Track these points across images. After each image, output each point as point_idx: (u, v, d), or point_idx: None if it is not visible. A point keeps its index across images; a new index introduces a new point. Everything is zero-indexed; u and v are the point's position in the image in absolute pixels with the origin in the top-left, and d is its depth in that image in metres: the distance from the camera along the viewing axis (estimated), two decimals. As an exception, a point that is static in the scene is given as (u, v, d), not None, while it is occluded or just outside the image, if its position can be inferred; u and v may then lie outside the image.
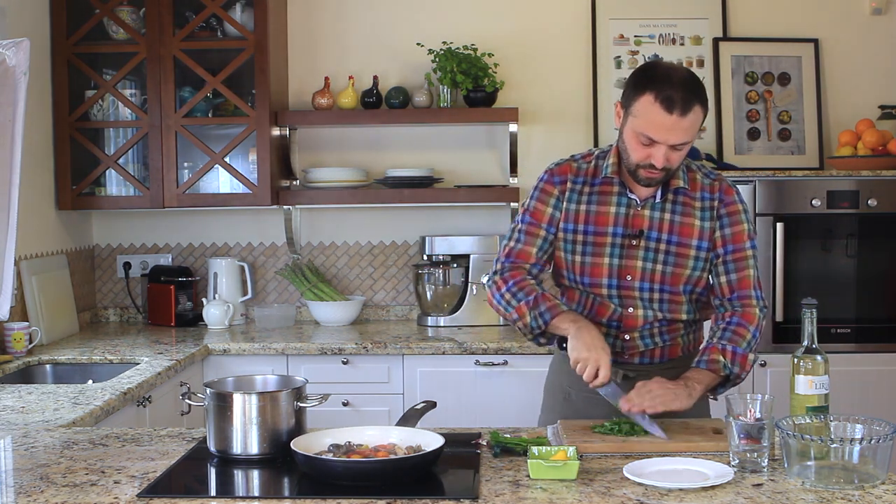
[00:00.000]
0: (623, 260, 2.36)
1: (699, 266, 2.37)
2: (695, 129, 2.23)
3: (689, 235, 2.35)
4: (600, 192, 2.39)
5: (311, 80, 4.31)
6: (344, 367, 3.71)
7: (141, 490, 1.83)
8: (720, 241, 2.37)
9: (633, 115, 2.24)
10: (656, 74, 2.23)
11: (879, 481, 1.81)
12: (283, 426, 2.03)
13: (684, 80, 2.21)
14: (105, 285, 4.41)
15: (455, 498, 1.77)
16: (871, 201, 3.78)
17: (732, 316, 2.36)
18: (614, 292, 2.38)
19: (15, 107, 2.53)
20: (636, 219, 2.36)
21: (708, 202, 2.37)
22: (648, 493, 1.79)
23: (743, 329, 2.34)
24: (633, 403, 2.16)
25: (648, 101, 2.19)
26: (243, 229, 4.39)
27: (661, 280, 2.36)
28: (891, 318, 3.83)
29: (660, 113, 2.18)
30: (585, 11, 4.31)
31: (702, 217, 2.36)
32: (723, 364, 2.30)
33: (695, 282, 2.38)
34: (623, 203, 2.37)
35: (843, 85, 4.31)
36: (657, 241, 2.35)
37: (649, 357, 2.43)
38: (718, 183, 2.40)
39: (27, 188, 3.56)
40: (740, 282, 2.37)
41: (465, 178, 4.30)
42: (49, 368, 3.44)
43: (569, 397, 2.47)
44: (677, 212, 2.36)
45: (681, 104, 2.17)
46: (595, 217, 2.37)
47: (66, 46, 3.97)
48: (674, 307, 2.39)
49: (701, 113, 2.22)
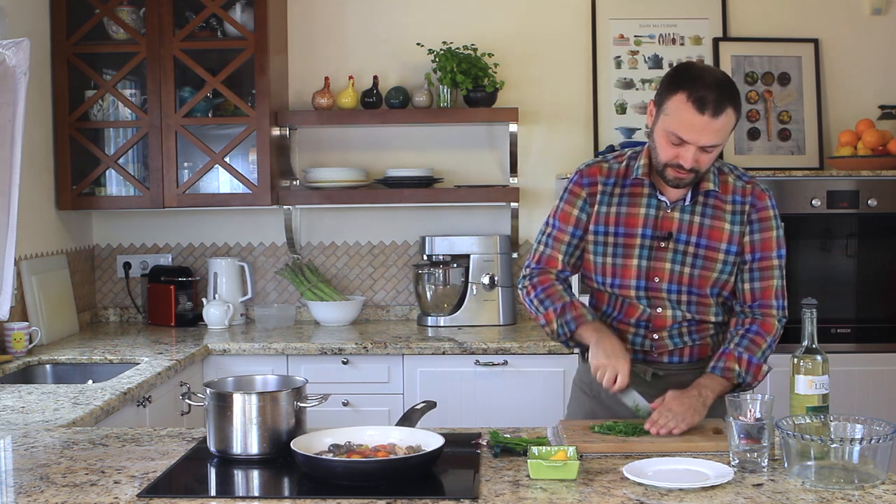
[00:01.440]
0: (651, 262, 2.36)
1: (727, 270, 2.36)
2: (726, 133, 2.21)
3: (718, 239, 2.35)
4: (631, 193, 2.39)
5: (311, 80, 4.31)
6: (344, 367, 3.71)
7: (141, 490, 1.83)
8: (748, 247, 2.36)
9: (664, 113, 2.23)
10: (691, 74, 2.23)
11: (879, 481, 1.81)
12: (283, 426, 2.03)
13: (718, 82, 2.20)
14: (105, 285, 4.41)
15: (455, 498, 1.77)
16: (871, 201, 3.78)
17: (752, 324, 2.37)
18: (642, 293, 2.38)
19: (15, 107, 2.53)
20: (665, 221, 2.36)
21: (739, 206, 2.36)
22: (648, 493, 1.79)
23: (760, 338, 2.35)
24: (659, 426, 2.16)
25: (681, 99, 2.19)
26: (243, 229, 4.39)
27: (688, 282, 2.36)
28: (891, 318, 3.83)
29: (691, 112, 2.18)
30: (585, 11, 4.31)
31: (732, 221, 2.35)
32: (737, 373, 2.30)
33: (722, 285, 2.37)
34: (653, 205, 2.37)
35: (843, 85, 4.31)
36: (686, 244, 2.35)
37: (678, 356, 2.43)
38: (751, 186, 2.38)
39: (27, 188, 3.57)
40: (763, 291, 2.38)
41: (465, 178, 4.30)
42: (49, 368, 3.44)
43: (599, 395, 2.47)
44: (707, 215, 2.35)
45: (713, 105, 2.16)
46: (625, 219, 2.38)
47: (66, 46, 3.97)
48: (702, 309, 2.39)
49: (733, 116, 2.21)
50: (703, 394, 2.24)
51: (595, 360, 2.28)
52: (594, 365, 2.28)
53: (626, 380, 2.24)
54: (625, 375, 2.24)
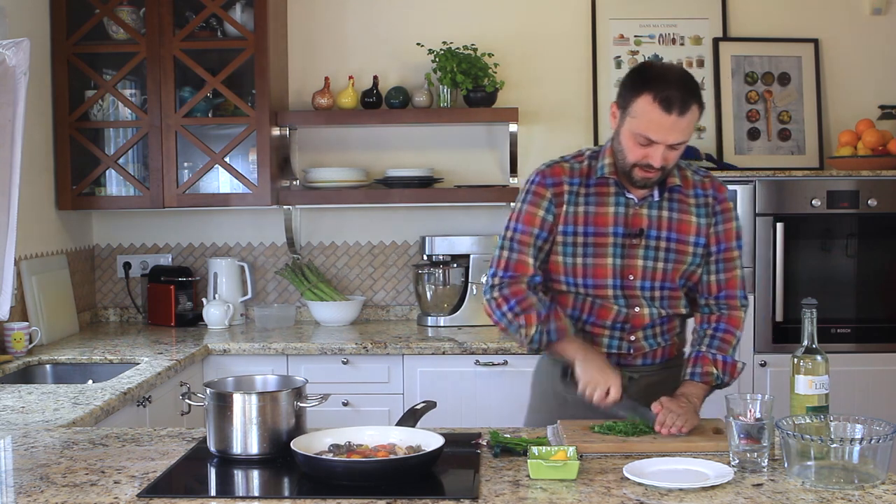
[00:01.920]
0: (625, 259, 2.36)
1: (696, 262, 2.39)
2: (692, 129, 2.24)
3: (687, 232, 2.37)
4: (597, 192, 2.38)
5: (311, 80, 4.31)
6: (344, 367, 3.71)
7: (141, 490, 1.83)
8: (713, 239, 2.40)
9: (630, 115, 2.24)
10: (653, 74, 2.24)
11: (879, 481, 1.81)
12: (283, 426, 2.03)
13: (681, 80, 2.23)
14: (105, 285, 4.41)
15: (455, 498, 1.77)
16: (871, 201, 3.78)
17: (719, 321, 2.41)
18: (619, 292, 2.38)
19: (15, 107, 2.53)
20: (636, 218, 2.36)
21: (702, 199, 2.40)
22: (648, 493, 1.79)
23: (730, 335, 2.40)
24: (667, 426, 2.16)
25: (647, 101, 2.20)
26: (243, 229, 4.39)
27: (661, 277, 2.37)
28: (891, 318, 3.83)
29: (659, 113, 2.19)
30: (585, 11, 4.31)
31: (697, 213, 2.39)
32: (716, 375, 2.35)
33: (689, 275, 2.41)
34: (622, 203, 2.37)
35: (843, 85, 4.31)
36: (657, 239, 2.36)
37: (651, 358, 2.45)
38: (709, 180, 2.43)
39: (27, 188, 3.56)
40: (728, 281, 2.42)
41: (465, 178, 4.30)
42: (49, 368, 3.44)
43: (565, 402, 2.45)
44: (675, 209, 2.38)
45: (679, 104, 2.18)
46: (595, 218, 2.37)
47: (66, 46, 3.97)
48: (673, 302, 2.42)
49: (698, 112, 2.24)
50: (691, 401, 2.27)
51: (586, 375, 2.25)
52: (585, 380, 2.25)
53: (619, 393, 2.23)
54: (617, 389, 2.23)
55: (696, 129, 4.25)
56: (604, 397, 2.23)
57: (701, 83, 4.27)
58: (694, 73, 4.25)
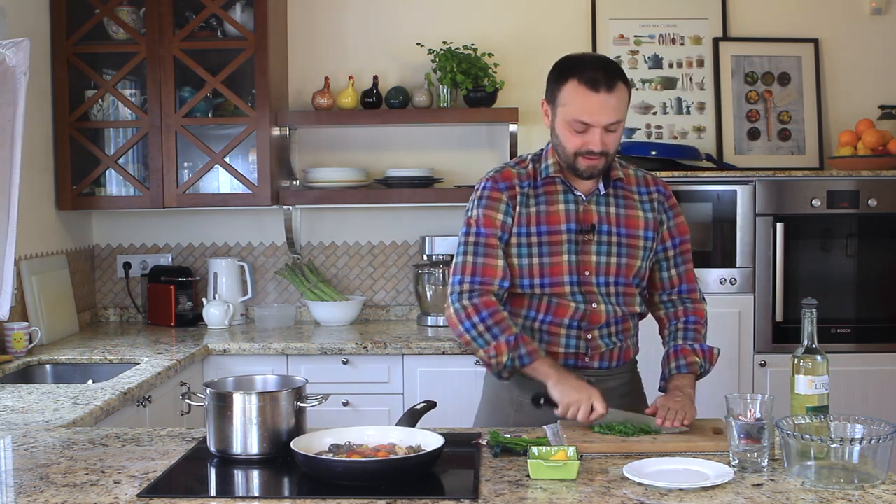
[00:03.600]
0: (579, 256, 2.36)
1: (646, 256, 2.41)
2: (623, 107, 2.27)
3: (636, 226, 2.39)
4: (546, 192, 2.38)
5: (311, 80, 4.31)
6: (344, 367, 3.71)
7: (141, 490, 1.83)
8: (668, 234, 2.43)
9: (561, 104, 2.29)
10: (573, 62, 2.30)
11: (879, 481, 1.81)
12: (283, 426, 2.03)
13: (601, 61, 2.29)
14: (105, 285, 4.41)
15: (455, 498, 1.77)
16: (871, 201, 3.78)
17: (686, 314, 2.45)
18: (576, 289, 2.36)
19: (15, 107, 2.53)
20: (586, 213, 2.37)
21: (646, 195, 2.42)
22: (648, 493, 1.79)
23: (700, 326, 2.45)
24: (670, 419, 2.17)
25: (573, 86, 2.25)
26: (243, 229, 4.39)
27: (616, 273, 2.38)
28: (891, 318, 3.83)
29: (587, 94, 2.23)
30: (585, 11, 4.31)
31: (643, 208, 2.41)
32: (699, 364, 2.38)
33: (642, 274, 2.42)
34: (570, 200, 2.38)
35: (843, 85, 4.31)
36: (608, 234, 2.37)
37: (608, 359, 2.43)
38: (651, 177, 2.47)
39: (27, 188, 3.56)
40: (688, 274, 2.47)
41: (465, 178, 4.30)
42: (49, 368, 3.44)
43: (521, 408, 2.41)
44: (621, 205, 2.40)
45: (605, 82, 2.22)
46: (546, 217, 2.37)
47: (66, 46, 3.97)
48: (629, 300, 2.42)
49: (625, 90, 2.26)
50: (685, 392, 2.28)
51: (566, 397, 2.20)
52: (565, 402, 2.19)
53: (603, 407, 2.18)
54: (601, 403, 2.19)
55: (697, 129, 4.27)
56: (588, 415, 2.19)
57: (701, 83, 4.28)
58: (694, 72, 4.29)
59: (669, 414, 2.17)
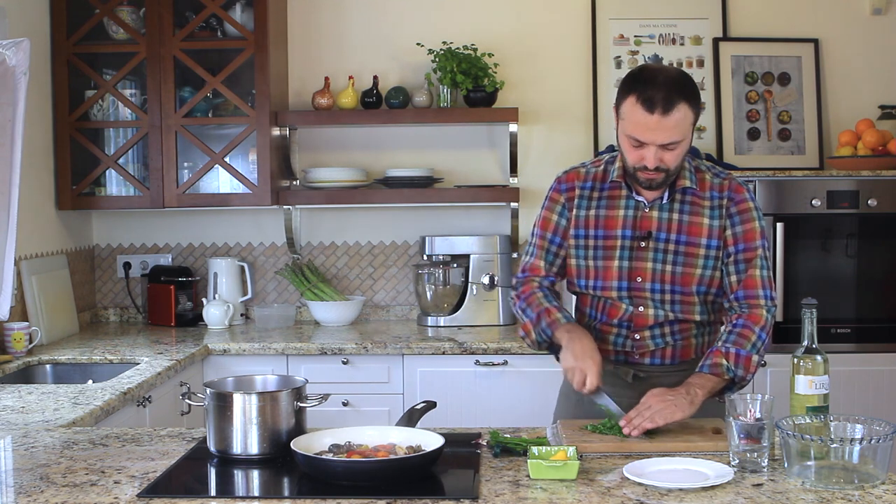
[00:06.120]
0: (633, 262, 2.37)
1: (710, 265, 2.36)
2: (683, 128, 2.22)
3: (697, 234, 2.35)
4: (609, 196, 2.41)
5: (311, 80, 4.31)
6: (344, 367, 3.71)
7: (141, 490, 1.83)
8: (731, 240, 2.37)
9: (621, 117, 2.28)
10: (643, 76, 2.26)
11: (879, 481, 1.81)
12: (283, 426, 2.03)
13: (669, 80, 2.22)
14: (105, 285, 4.41)
15: (455, 498, 1.77)
16: (871, 201, 3.78)
17: (739, 318, 2.35)
18: (624, 293, 2.38)
19: (15, 107, 2.53)
20: (644, 220, 2.37)
21: (717, 200, 2.37)
22: (648, 493, 1.79)
23: (748, 331, 2.32)
24: (632, 426, 2.15)
25: (631, 102, 2.23)
26: (243, 229, 4.39)
27: (671, 280, 2.36)
28: (891, 318, 3.83)
29: (641, 113, 2.21)
30: (585, 11, 4.31)
31: (710, 216, 2.36)
32: (725, 367, 2.27)
33: (707, 282, 2.37)
34: (631, 206, 2.39)
35: (843, 85, 4.31)
36: (666, 242, 2.36)
37: (660, 357, 2.43)
38: (728, 181, 2.40)
39: (27, 188, 3.56)
40: (748, 280, 2.36)
41: (465, 178, 4.30)
42: (49, 368, 3.44)
43: (581, 401, 2.45)
44: (685, 211, 2.36)
45: (662, 104, 2.18)
46: (604, 221, 2.40)
47: (66, 46, 3.97)
48: (686, 308, 2.39)
49: (689, 111, 2.22)
50: (690, 391, 2.21)
51: (564, 362, 2.29)
52: (564, 368, 2.29)
53: (595, 381, 2.21)
54: (594, 376, 2.21)
55: (697, 129, 4.26)
56: (582, 384, 2.23)
57: (701, 83, 4.28)
58: (694, 73, 4.28)
59: (637, 419, 2.15)
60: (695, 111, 2.24)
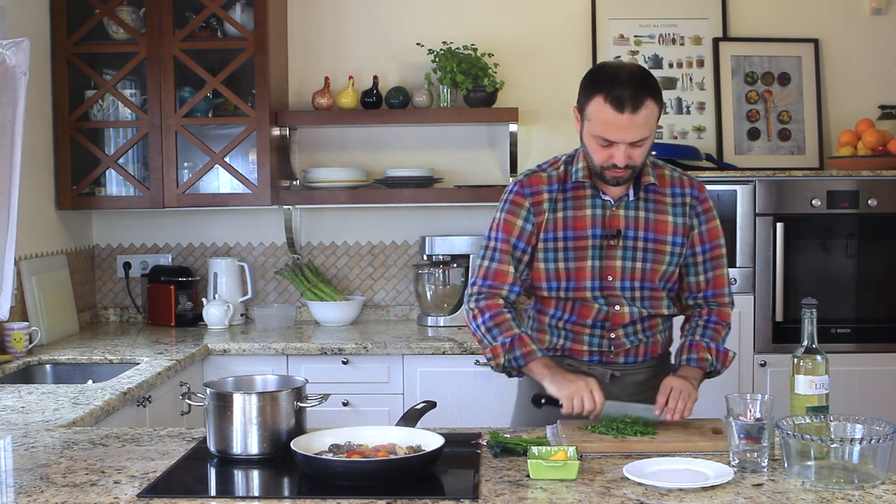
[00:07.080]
0: (603, 261, 2.37)
1: (674, 261, 2.40)
2: (651, 124, 2.24)
3: (664, 232, 2.38)
4: (574, 196, 2.40)
5: (311, 80, 4.31)
6: (344, 367, 3.71)
7: (141, 490, 1.83)
8: (698, 239, 2.41)
9: (587, 118, 2.28)
10: (605, 75, 2.26)
11: (879, 481, 1.81)
12: (283, 426, 2.03)
13: (633, 77, 2.23)
14: (105, 285, 4.41)
15: (455, 498, 1.77)
16: (871, 201, 3.78)
17: (710, 314, 2.43)
18: (598, 293, 2.38)
19: (15, 107, 2.53)
20: (613, 219, 2.37)
21: (679, 198, 2.40)
22: (648, 493, 1.79)
23: (720, 327, 2.43)
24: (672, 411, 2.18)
25: (599, 102, 2.23)
26: (243, 229, 4.39)
27: (640, 277, 2.38)
28: (891, 318, 3.83)
29: (611, 113, 2.21)
30: (585, 11, 4.31)
31: (674, 213, 2.39)
32: (710, 361, 2.37)
33: (669, 277, 2.41)
34: (598, 205, 2.38)
35: (843, 85, 4.31)
36: (634, 240, 2.37)
37: (633, 355, 2.46)
38: (688, 178, 2.43)
39: (27, 188, 3.56)
40: (716, 280, 2.44)
41: (465, 178, 4.30)
42: (49, 368, 3.44)
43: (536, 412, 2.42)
44: (651, 209, 2.38)
45: (631, 102, 2.19)
46: (573, 222, 2.38)
47: (66, 46, 3.97)
48: (655, 303, 2.42)
49: (655, 107, 2.23)
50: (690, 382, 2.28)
51: (564, 389, 2.23)
52: (565, 396, 2.23)
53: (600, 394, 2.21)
54: (598, 391, 2.22)
55: (698, 129, 4.27)
56: (592, 403, 2.21)
57: (701, 83, 4.28)
58: (694, 73, 4.29)
59: (672, 402, 2.18)
60: (660, 105, 2.26)
